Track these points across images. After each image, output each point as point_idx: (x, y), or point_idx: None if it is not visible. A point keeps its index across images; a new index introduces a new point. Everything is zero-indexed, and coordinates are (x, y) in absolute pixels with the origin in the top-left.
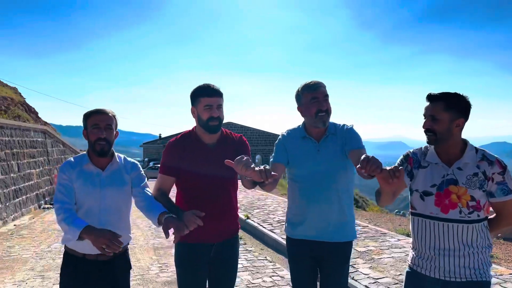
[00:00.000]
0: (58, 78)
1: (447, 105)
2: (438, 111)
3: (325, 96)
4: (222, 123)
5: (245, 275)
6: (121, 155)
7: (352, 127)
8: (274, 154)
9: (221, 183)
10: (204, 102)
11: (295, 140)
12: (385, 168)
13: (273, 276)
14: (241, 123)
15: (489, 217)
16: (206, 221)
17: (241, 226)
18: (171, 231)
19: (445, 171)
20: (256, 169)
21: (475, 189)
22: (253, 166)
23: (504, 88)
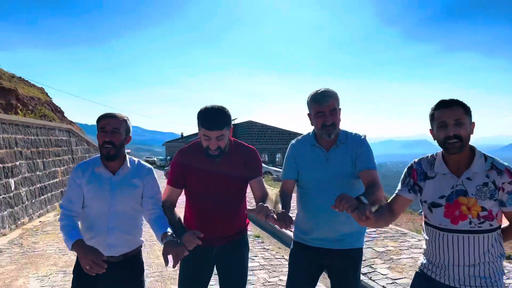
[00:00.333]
0: (83, 77)
1: (465, 110)
2: (462, 115)
3: (331, 110)
4: (224, 150)
5: (262, 274)
6: (135, 159)
7: (364, 139)
8: (284, 169)
9: (227, 196)
10: (202, 131)
11: (305, 147)
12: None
13: None
14: (262, 121)
15: (503, 226)
16: (208, 228)
17: (260, 225)
18: (170, 257)
19: (454, 181)
20: (275, 217)
21: (485, 199)
22: (272, 214)
23: None
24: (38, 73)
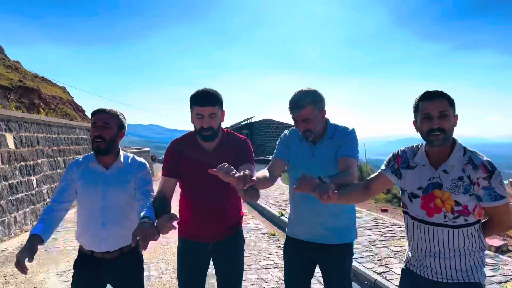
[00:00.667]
0: (104, 77)
1: (450, 102)
2: (446, 107)
3: (305, 120)
4: (217, 132)
5: (276, 272)
6: (129, 155)
7: (352, 131)
8: (276, 150)
9: (218, 187)
10: (195, 110)
11: (295, 140)
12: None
13: None
14: (279, 119)
15: (482, 220)
16: (203, 221)
17: (275, 223)
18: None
19: (432, 173)
20: (236, 175)
21: (459, 194)
22: (233, 173)
23: None
24: (58, 71)
